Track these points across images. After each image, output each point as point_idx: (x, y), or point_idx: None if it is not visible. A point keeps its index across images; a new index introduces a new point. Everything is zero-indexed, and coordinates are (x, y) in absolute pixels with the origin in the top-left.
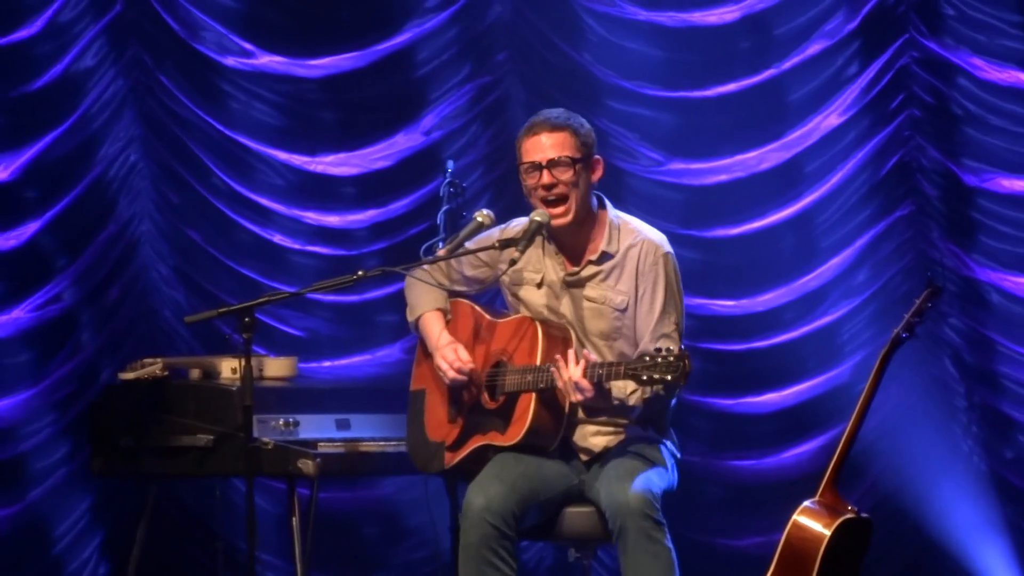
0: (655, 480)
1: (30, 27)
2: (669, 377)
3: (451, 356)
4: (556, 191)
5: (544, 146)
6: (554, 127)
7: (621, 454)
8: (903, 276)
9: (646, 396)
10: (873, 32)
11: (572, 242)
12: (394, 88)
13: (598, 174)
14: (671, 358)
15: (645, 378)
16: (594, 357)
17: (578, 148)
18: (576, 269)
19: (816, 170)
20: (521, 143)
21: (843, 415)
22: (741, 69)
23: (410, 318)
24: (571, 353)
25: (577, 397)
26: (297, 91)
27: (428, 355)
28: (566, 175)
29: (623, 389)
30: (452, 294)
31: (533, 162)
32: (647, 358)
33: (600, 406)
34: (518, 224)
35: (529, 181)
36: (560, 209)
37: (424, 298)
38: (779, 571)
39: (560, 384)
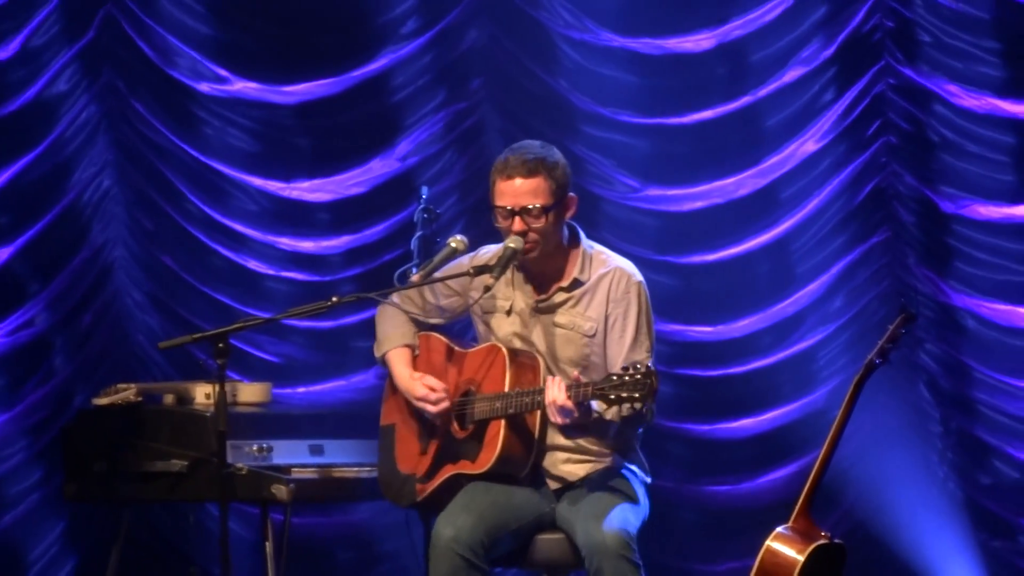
0: (631, 519)
1: (1, 52)
2: (637, 395)
3: (423, 391)
4: (528, 238)
5: (518, 192)
6: (529, 171)
7: (594, 488)
8: (879, 302)
9: (624, 413)
10: (849, 59)
11: (539, 271)
12: (369, 114)
13: (571, 212)
14: (638, 376)
15: (613, 397)
16: (577, 376)
17: (552, 193)
18: (545, 296)
19: (792, 196)
20: (495, 182)
21: (819, 441)
22: (717, 96)
23: (377, 353)
24: (553, 378)
25: (563, 420)
26: (272, 117)
27: (396, 390)
28: (538, 223)
29: (601, 404)
30: (424, 326)
31: (505, 208)
32: (614, 377)
33: (581, 423)
34: (488, 251)
35: (502, 223)
36: (529, 246)
37: (392, 333)
38: None
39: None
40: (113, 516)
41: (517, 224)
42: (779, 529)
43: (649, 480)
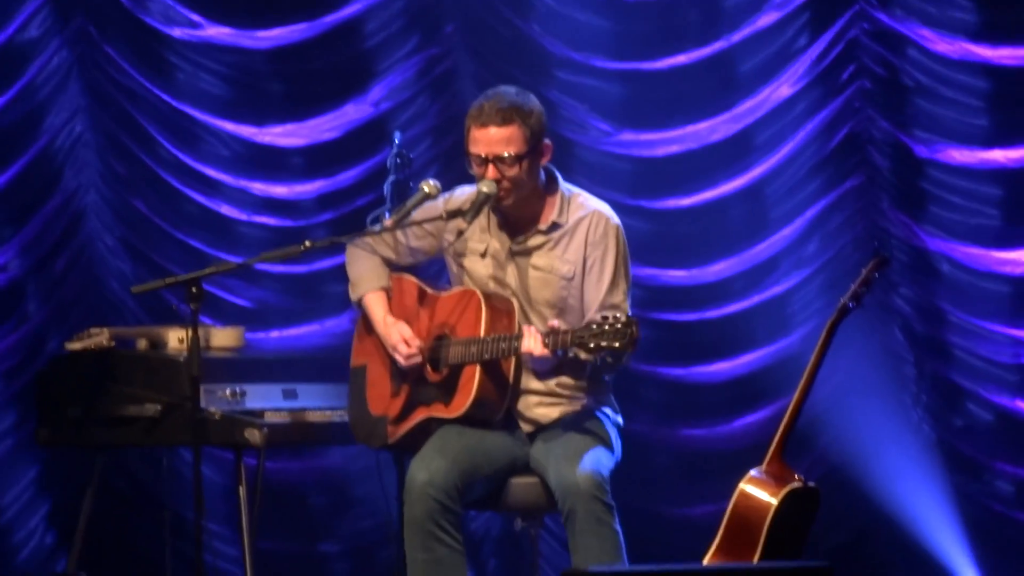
0: (603, 460)
1: None
2: (617, 344)
3: (399, 341)
4: (501, 185)
5: (492, 140)
6: (504, 120)
7: (567, 430)
8: (853, 246)
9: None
10: (823, 3)
11: (517, 216)
12: (342, 59)
13: (546, 158)
14: (619, 325)
15: (592, 346)
16: (555, 323)
17: (526, 141)
18: (522, 239)
19: (767, 141)
20: (469, 128)
21: (793, 384)
22: (691, 40)
23: (352, 296)
24: (530, 328)
25: (539, 367)
26: (244, 62)
27: (370, 332)
28: (512, 171)
29: (580, 352)
30: (398, 268)
31: (479, 155)
32: (594, 326)
33: (555, 364)
34: (462, 193)
35: (476, 170)
36: (502, 193)
37: (367, 275)
38: (726, 540)
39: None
40: (86, 461)
41: (491, 172)
42: (752, 472)
43: (621, 422)
